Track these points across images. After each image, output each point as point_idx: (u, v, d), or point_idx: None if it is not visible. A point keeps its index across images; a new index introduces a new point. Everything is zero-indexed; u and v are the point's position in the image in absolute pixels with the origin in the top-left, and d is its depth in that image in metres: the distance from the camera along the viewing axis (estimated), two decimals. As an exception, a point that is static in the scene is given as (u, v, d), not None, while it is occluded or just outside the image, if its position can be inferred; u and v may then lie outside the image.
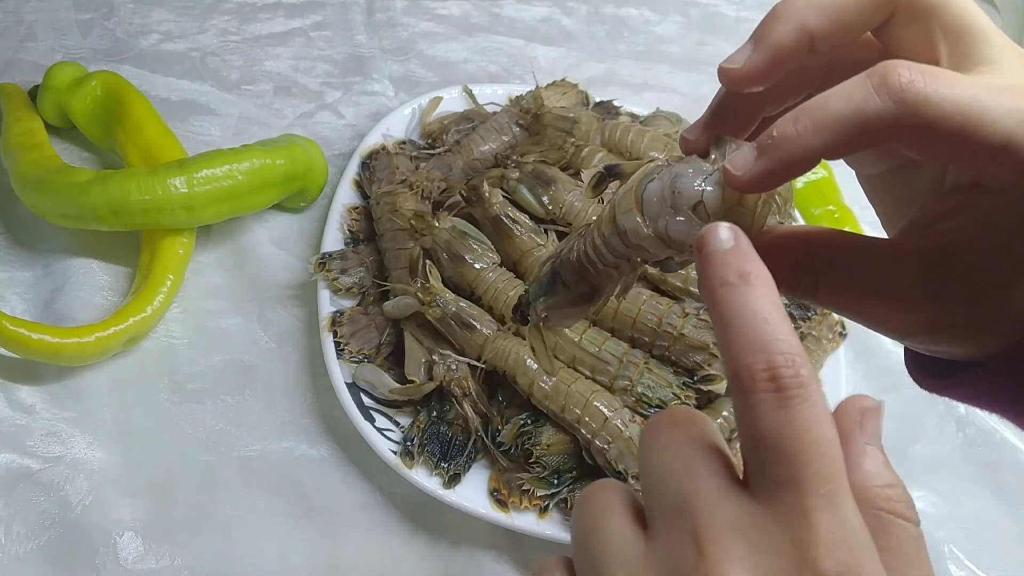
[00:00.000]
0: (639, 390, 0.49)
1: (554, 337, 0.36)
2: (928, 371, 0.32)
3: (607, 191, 0.31)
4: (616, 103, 0.69)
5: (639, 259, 0.29)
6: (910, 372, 0.33)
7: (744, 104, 0.30)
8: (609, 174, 0.31)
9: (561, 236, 0.55)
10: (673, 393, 0.49)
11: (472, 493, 0.49)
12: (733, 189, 0.26)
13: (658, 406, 0.48)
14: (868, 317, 0.29)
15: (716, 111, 0.30)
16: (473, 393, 0.50)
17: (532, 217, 0.55)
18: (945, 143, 0.25)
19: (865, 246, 0.29)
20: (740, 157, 0.26)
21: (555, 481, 0.49)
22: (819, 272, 0.28)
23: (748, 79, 0.28)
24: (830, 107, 0.25)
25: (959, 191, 0.28)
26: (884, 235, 0.33)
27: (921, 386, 0.33)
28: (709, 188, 0.27)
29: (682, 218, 0.27)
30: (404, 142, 0.65)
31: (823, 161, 0.28)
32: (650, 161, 0.29)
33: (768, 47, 0.28)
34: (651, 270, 0.49)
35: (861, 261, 0.28)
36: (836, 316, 0.61)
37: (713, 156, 0.28)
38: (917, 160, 0.30)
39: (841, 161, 0.30)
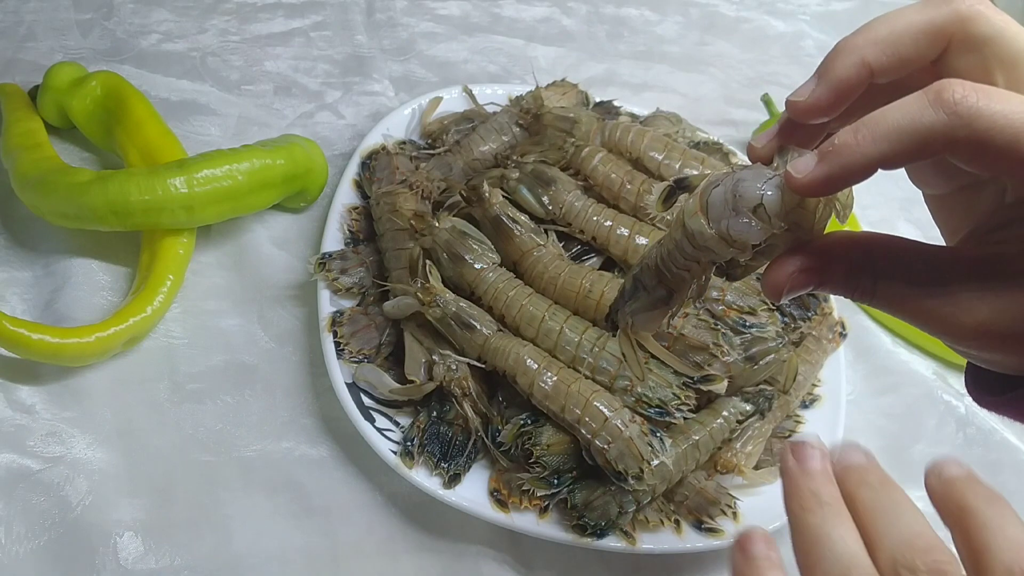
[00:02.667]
0: (639, 390, 0.49)
1: (645, 344, 0.37)
2: (986, 388, 0.33)
3: (676, 204, 0.33)
4: (616, 103, 0.69)
5: (708, 260, 0.31)
6: (969, 390, 0.34)
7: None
8: (678, 187, 0.33)
9: (561, 236, 0.55)
10: (673, 393, 0.48)
11: (472, 493, 0.49)
12: (793, 193, 0.28)
13: (658, 406, 0.48)
14: (923, 320, 0.30)
15: (784, 125, 0.32)
16: (473, 393, 0.50)
17: (532, 217, 0.55)
18: (997, 156, 0.26)
19: (924, 251, 0.30)
20: (801, 162, 0.28)
21: (555, 481, 0.49)
22: (878, 275, 0.30)
23: (813, 111, 0.31)
24: (888, 119, 0.27)
25: (1018, 204, 0.30)
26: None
27: (979, 403, 0.34)
28: (769, 192, 0.29)
29: (744, 219, 0.29)
30: (404, 142, 0.65)
31: None
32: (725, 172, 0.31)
33: (831, 81, 0.30)
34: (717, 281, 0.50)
35: (919, 264, 0.30)
36: (836, 316, 0.61)
37: (776, 163, 0.30)
38: (979, 180, 0.32)
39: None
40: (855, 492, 0.29)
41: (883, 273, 0.30)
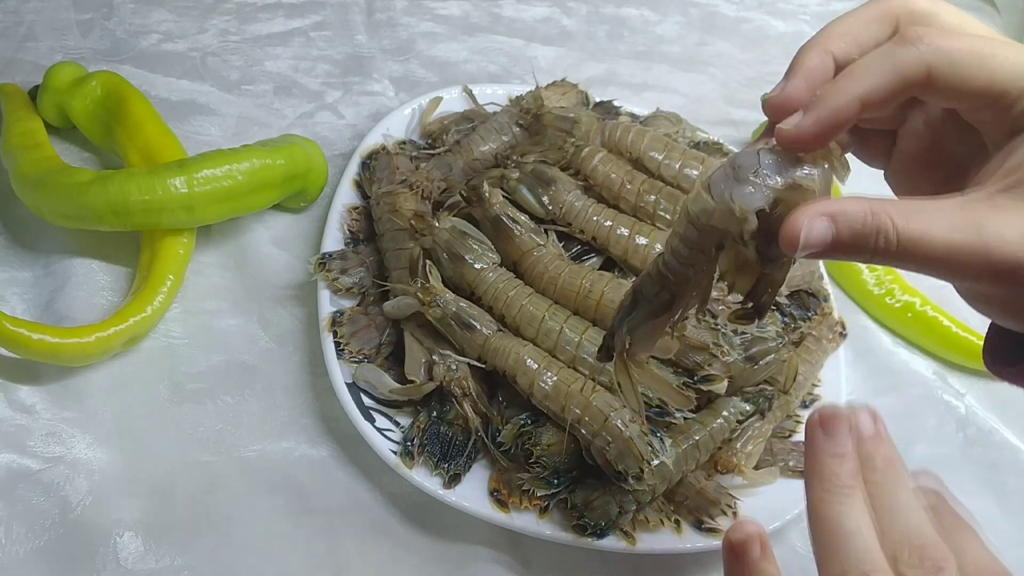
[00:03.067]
0: (639, 390, 0.49)
1: (637, 372, 0.37)
2: (1004, 360, 0.34)
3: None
4: (616, 103, 0.69)
5: (713, 245, 0.31)
6: (986, 362, 0.35)
7: None
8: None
9: (561, 236, 0.55)
10: (673, 393, 0.49)
11: (472, 493, 0.49)
12: (788, 148, 0.30)
13: (658, 406, 0.48)
14: (950, 262, 0.30)
15: (770, 129, 0.34)
16: (473, 393, 0.50)
17: (532, 217, 0.55)
18: (965, 81, 0.30)
19: (940, 195, 0.31)
20: (789, 119, 0.30)
21: (555, 481, 0.49)
22: (897, 215, 0.30)
23: (788, 103, 0.32)
24: (865, 61, 0.31)
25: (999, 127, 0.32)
26: None
27: (997, 374, 0.35)
28: (767, 154, 0.30)
29: (746, 186, 0.29)
30: (404, 142, 0.65)
31: None
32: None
33: (799, 71, 0.32)
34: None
35: (941, 203, 0.30)
36: (836, 316, 0.61)
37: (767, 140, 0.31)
38: (934, 141, 0.35)
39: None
40: (862, 471, 0.30)
41: (902, 213, 0.29)
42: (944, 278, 0.31)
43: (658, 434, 0.48)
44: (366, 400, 0.51)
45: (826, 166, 0.30)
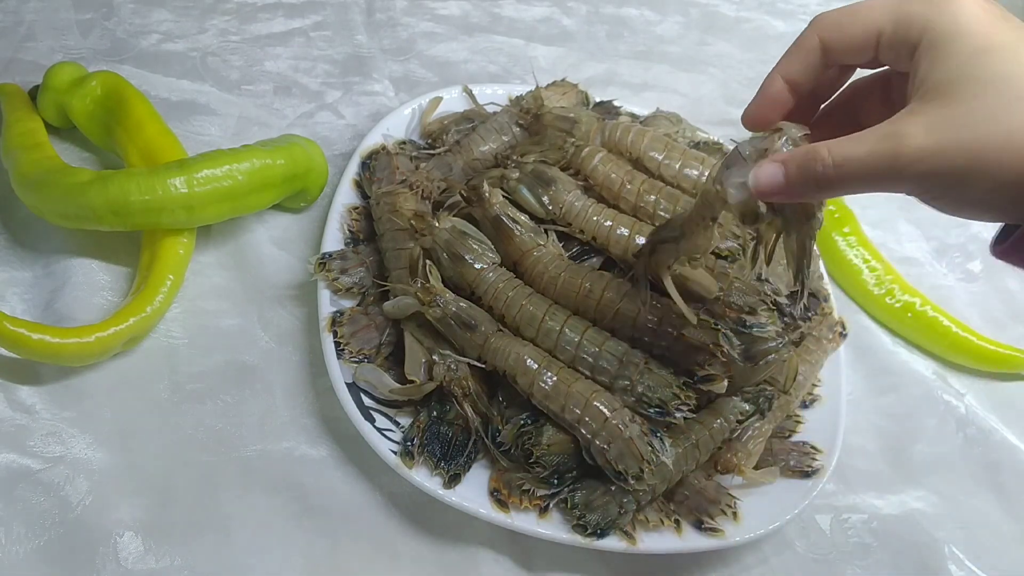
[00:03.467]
0: (639, 390, 0.49)
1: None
2: (996, 241, 0.38)
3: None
4: (616, 103, 0.69)
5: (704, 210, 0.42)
6: (991, 250, 0.39)
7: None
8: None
9: (561, 236, 0.55)
10: (673, 393, 0.48)
11: (472, 493, 0.49)
12: (752, 130, 0.41)
13: (658, 406, 0.48)
14: (881, 172, 0.34)
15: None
16: (473, 393, 0.50)
17: (532, 217, 0.55)
18: (845, 34, 0.38)
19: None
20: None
21: (555, 481, 0.49)
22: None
23: (760, 120, 0.41)
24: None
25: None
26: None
27: (993, 254, 0.38)
28: (744, 147, 0.39)
29: (731, 170, 0.39)
30: (404, 142, 0.65)
31: None
32: None
33: (761, 97, 0.41)
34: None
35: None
36: (836, 316, 0.61)
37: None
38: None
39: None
40: None
41: (836, 142, 0.35)
42: (881, 190, 0.35)
43: (658, 434, 0.48)
44: (366, 400, 0.51)
45: (784, 137, 0.38)
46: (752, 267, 0.42)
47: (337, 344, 0.52)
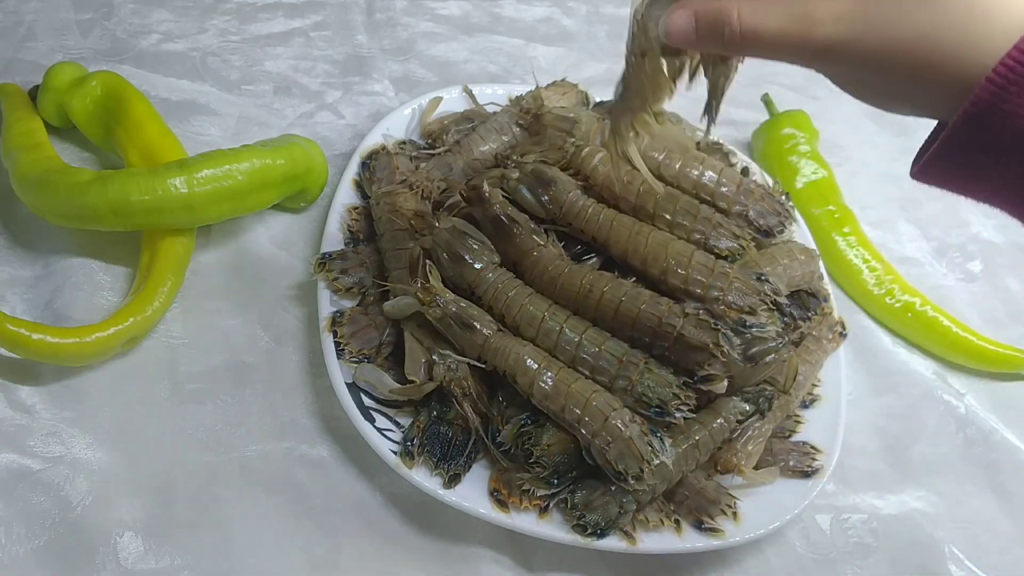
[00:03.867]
0: (639, 390, 0.49)
1: None
2: (915, 161, 0.37)
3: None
4: (616, 103, 0.69)
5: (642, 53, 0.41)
6: (910, 171, 0.37)
7: None
8: None
9: (561, 236, 0.55)
10: (673, 393, 0.48)
11: (472, 493, 0.49)
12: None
13: (658, 406, 0.48)
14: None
15: None
16: (473, 393, 0.50)
17: (532, 217, 0.55)
18: None
19: None
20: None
21: (555, 481, 0.49)
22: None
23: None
24: None
25: None
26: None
27: (912, 176, 0.37)
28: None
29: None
30: (404, 142, 0.65)
31: (823, 161, 0.30)
32: None
33: None
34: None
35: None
36: (836, 316, 0.61)
37: None
38: None
39: (841, 162, 0.32)
40: None
41: (748, 7, 0.34)
42: (784, 60, 0.35)
43: (658, 434, 0.48)
44: (366, 400, 0.51)
45: None
46: (690, 81, 0.42)
47: (337, 344, 0.52)
